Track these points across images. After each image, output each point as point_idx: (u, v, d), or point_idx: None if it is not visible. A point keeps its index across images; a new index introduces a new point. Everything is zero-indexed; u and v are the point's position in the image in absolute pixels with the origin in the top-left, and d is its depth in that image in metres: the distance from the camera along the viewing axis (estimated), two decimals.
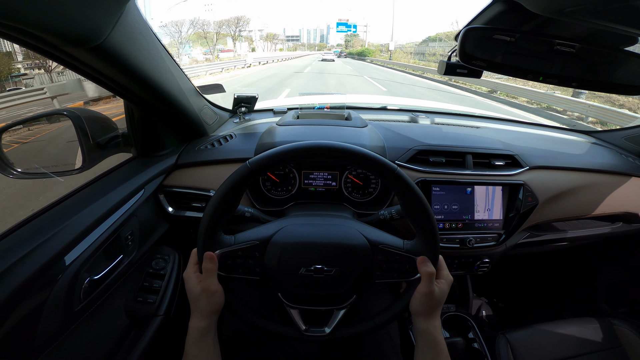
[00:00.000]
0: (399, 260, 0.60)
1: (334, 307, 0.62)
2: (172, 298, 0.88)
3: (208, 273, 0.57)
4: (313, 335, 0.62)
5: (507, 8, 0.63)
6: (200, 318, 0.58)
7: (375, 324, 0.62)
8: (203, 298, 0.58)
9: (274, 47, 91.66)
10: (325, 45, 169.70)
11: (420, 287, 0.58)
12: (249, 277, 0.61)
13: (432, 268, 0.58)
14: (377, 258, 0.60)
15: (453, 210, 0.99)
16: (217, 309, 0.60)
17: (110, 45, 0.57)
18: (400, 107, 1.58)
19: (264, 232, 0.62)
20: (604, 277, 1.43)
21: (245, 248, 0.60)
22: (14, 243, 0.58)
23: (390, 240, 0.61)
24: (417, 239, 0.60)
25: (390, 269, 0.60)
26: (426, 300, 0.58)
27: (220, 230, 0.60)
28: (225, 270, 0.60)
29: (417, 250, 0.59)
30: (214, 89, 1.23)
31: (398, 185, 0.57)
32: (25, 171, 0.77)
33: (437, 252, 0.60)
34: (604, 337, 1.02)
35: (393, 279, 0.61)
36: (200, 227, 0.58)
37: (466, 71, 0.77)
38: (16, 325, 0.54)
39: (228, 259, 0.60)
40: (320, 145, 0.56)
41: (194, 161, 0.98)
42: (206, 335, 0.59)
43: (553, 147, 1.20)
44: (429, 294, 0.57)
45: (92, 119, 0.81)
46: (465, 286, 1.45)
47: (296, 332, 0.63)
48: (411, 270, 0.60)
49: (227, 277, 0.61)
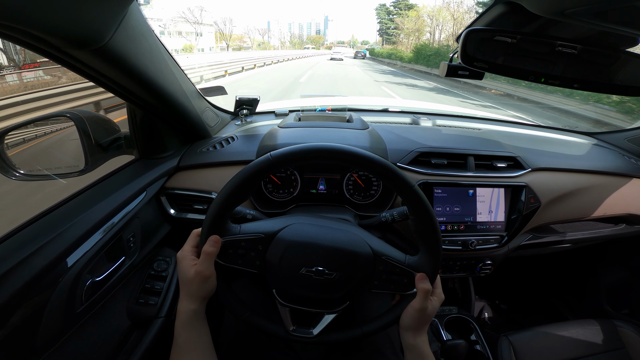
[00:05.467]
0: (398, 273, 0.60)
1: (326, 310, 0.62)
2: (174, 300, 0.88)
3: (207, 256, 0.56)
4: (299, 336, 0.62)
5: (509, 10, 0.63)
6: (190, 301, 0.58)
7: (363, 332, 0.62)
8: (195, 281, 0.57)
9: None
10: (322, 39, 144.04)
11: (415, 303, 0.58)
12: (247, 269, 0.60)
13: (430, 286, 0.58)
14: (378, 268, 0.60)
15: (455, 212, 0.99)
16: (208, 294, 0.59)
17: (113, 47, 0.57)
18: (401, 109, 1.58)
19: (271, 226, 0.61)
20: (607, 279, 1.42)
21: (250, 239, 0.59)
22: (17, 244, 0.59)
23: (393, 253, 0.61)
24: (420, 255, 0.61)
25: (389, 281, 0.60)
26: (418, 316, 0.58)
27: (228, 217, 0.60)
28: (225, 260, 0.60)
29: (418, 267, 0.60)
30: (215, 91, 1.24)
31: (413, 201, 0.57)
32: (28, 173, 0.78)
33: (437, 272, 0.60)
34: (607, 338, 1.02)
35: (389, 290, 0.61)
36: (208, 213, 0.58)
37: (467, 73, 0.77)
38: (18, 326, 0.55)
39: (230, 248, 0.59)
40: (342, 150, 0.56)
41: (196, 163, 0.98)
42: (196, 319, 0.58)
43: (555, 148, 1.20)
44: (422, 310, 0.58)
45: (94, 121, 0.81)
46: (468, 288, 1.45)
47: (283, 330, 0.62)
48: (408, 284, 0.60)
49: (225, 267, 0.60)
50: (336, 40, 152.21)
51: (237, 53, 41.30)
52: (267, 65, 21.40)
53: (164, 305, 0.86)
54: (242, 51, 56.70)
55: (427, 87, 14.14)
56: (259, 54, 30.74)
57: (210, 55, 27.09)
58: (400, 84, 14.97)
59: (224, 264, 0.60)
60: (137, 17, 0.63)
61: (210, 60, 14.81)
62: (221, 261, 0.59)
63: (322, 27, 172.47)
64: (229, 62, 15.95)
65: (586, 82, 0.66)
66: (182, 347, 0.58)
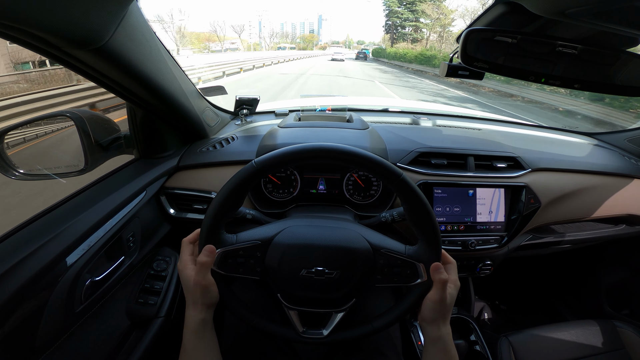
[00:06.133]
0: (400, 265, 0.60)
1: (333, 309, 0.62)
2: (173, 300, 0.88)
3: (202, 266, 0.57)
4: (311, 337, 0.62)
5: (509, 9, 0.63)
6: (197, 309, 0.58)
7: (374, 327, 0.62)
8: (197, 291, 0.57)
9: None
10: (315, 38, 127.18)
11: (432, 295, 0.58)
12: (249, 276, 0.61)
13: (446, 275, 0.57)
14: (379, 262, 0.60)
15: (455, 212, 0.99)
16: (213, 302, 0.59)
17: (113, 46, 0.57)
18: (401, 109, 1.58)
19: (266, 232, 0.62)
20: (607, 279, 1.42)
21: (247, 247, 0.60)
22: (16, 244, 0.59)
23: (392, 245, 0.61)
24: (419, 245, 0.60)
25: (391, 274, 0.60)
26: (438, 307, 0.57)
27: (222, 228, 0.60)
28: (226, 269, 0.60)
29: (419, 256, 0.59)
30: (215, 91, 1.24)
31: (403, 190, 0.57)
32: (27, 172, 0.78)
33: (440, 257, 0.60)
34: (607, 339, 1.02)
35: (394, 283, 0.61)
36: (203, 225, 0.58)
37: (468, 73, 0.77)
38: (17, 326, 0.55)
39: (229, 258, 0.59)
40: (324, 148, 0.56)
41: (196, 163, 0.98)
42: (204, 327, 0.59)
43: (555, 149, 1.20)
44: (441, 301, 0.57)
45: (94, 120, 0.81)
46: (467, 288, 1.44)
47: (294, 333, 0.62)
48: (412, 275, 0.60)
49: (228, 277, 0.61)
50: (330, 40, 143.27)
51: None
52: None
53: (164, 305, 0.86)
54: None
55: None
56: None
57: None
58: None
59: (226, 274, 0.60)
60: (137, 16, 0.63)
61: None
62: (222, 271, 0.59)
63: (316, 26, 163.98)
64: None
65: (586, 82, 0.66)
66: (190, 354, 0.58)
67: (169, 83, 0.80)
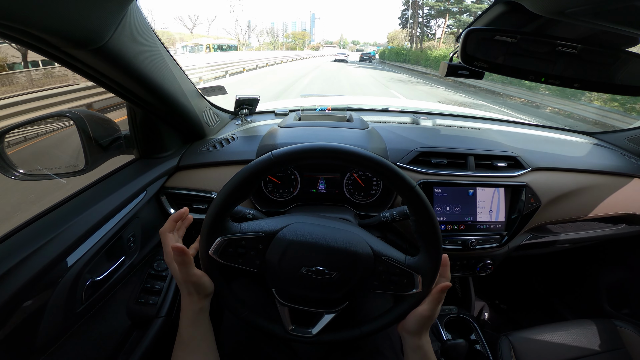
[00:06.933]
0: (398, 273, 0.60)
1: (325, 310, 0.62)
2: (174, 300, 0.88)
3: (181, 267, 0.57)
4: (298, 335, 0.62)
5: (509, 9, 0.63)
6: (192, 299, 0.59)
7: (362, 332, 0.62)
8: (188, 286, 0.58)
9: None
10: (307, 36, 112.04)
11: (424, 311, 0.59)
12: (247, 268, 0.61)
13: (443, 296, 0.59)
14: (378, 269, 0.60)
15: (455, 211, 0.99)
16: (208, 292, 0.60)
17: (113, 47, 0.57)
18: (401, 108, 1.58)
19: (271, 225, 0.61)
20: (607, 278, 1.42)
21: (250, 238, 0.59)
22: (17, 244, 0.59)
23: (393, 253, 0.61)
24: (420, 256, 0.61)
25: (388, 281, 0.60)
26: (424, 322, 0.59)
27: (229, 216, 0.60)
28: (225, 258, 0.60)
29: (418, 267, 0.60)
30: (215, 91, 1.24)
31: (414, 202, 0.57)
32: (27, 172, 0.78)
33: (437, 273, 0.60)
34: (607, 338, 1.02)
35: (389, 291, 0.61)
36: (210, 210, 0.58)
37: (468, 72, 0.77)
38: (18, 326, 0.55)
39: (230, 246, 0.59)
40: (346, 150, 0.56)
41: (196, 163, 0.98)
42: (201, 316, 0.59)
43: (555, 148, 1.20)
44: (430, 317, 0.59)
45: (94, 120, 0.81)
46: (468, 288, 1.45)
47: (282, 330, 0.63)
48: (408, 285, 0.60)
49: (225, 265, 0.60)
50: (324, 40, 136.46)
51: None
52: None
53: (164, 304, 0.86)
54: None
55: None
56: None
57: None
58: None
59: (224, 263, 0.60)
60: (137, 16, 0.63)
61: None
62: (221, 260, 0.59)
63: (309, 25, 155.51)
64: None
65: (586, 82, 0.66)
66: (187, 344, 0.59)
67: (168, 83, 0.80)
